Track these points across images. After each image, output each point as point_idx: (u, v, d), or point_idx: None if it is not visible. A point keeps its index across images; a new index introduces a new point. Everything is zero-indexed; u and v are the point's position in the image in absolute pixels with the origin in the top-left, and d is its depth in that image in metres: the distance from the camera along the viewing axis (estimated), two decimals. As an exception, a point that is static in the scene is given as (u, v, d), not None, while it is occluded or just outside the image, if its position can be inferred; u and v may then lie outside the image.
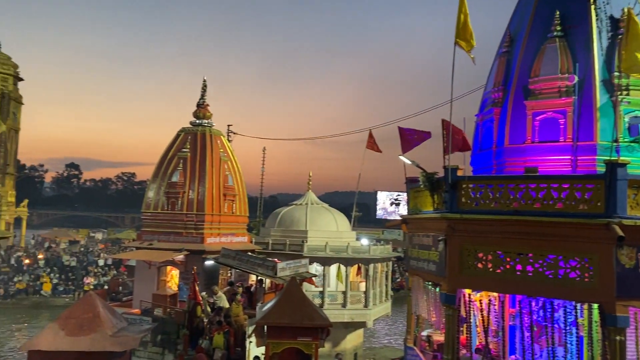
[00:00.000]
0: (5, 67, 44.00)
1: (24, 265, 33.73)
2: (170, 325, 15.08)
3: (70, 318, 10.00)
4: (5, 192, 43.32)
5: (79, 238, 48.64)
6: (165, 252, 17.93)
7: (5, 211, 42.90)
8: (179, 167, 19.26)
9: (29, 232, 51.78)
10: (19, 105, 45.57)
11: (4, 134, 42.96)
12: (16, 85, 45.06)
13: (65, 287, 32.29)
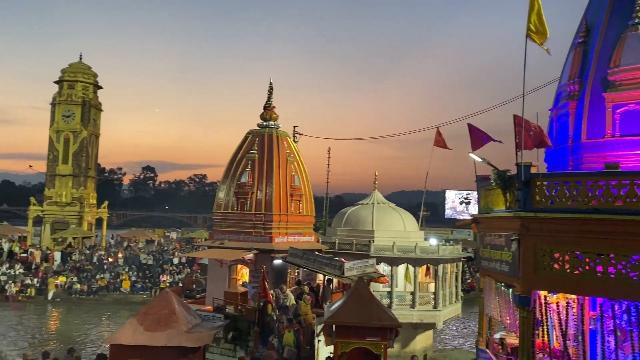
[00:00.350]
0: (86, 76, 46.78)
1: (106, 263, 35.71)
2: (241, 322, 15.47)
3: (148, 314, 10.47)
4: (87, 194, 46.07)
5: (155, 237, 50.87)
6: (235, 250, 18.40)
7: (87, 212, 45.63)
8: (247, 169, 19.71)
9: (109, 232, 54.76)
10: (98, 112, 48.32)
11: (85, 139, 45.70)
12: (96, 93, 47.81)
13: (143, 284, 33.89)
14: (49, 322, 28.21)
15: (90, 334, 25.47)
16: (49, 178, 45.78)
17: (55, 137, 45.19)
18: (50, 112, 45.97)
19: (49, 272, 33.30)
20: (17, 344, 22.35)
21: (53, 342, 23.28)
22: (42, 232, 44.84)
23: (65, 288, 32.41)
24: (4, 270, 32.98)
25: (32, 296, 31.58)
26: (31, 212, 45.49)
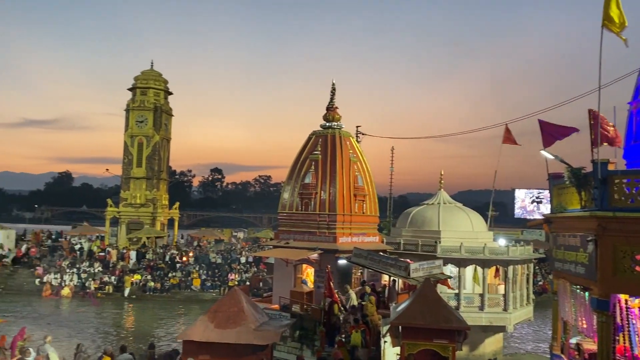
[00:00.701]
0: (158, 83, 48.82)
1: (178, 262, 37.10)
2: (307, 321, 15.62)
3: (218, 312, 10.78)
4: (160, 195, 48.09)
5: (223, 237, 52.29)
6: (300, 250, 18.60)
7: (160, 213, 47.62)
8: (311, 169, 19.87)
9: (180, 232, 56.86)
10: (169, 117, 50.30)
11: (157, 143, 47.71)
12: (167, 99, 49.78)
13: (212, 282, 34.97)
14: (125, 317, 29.66)
15: (164, 330, 26.54)
16: (124, 181, 48.15)
17: (130, 141, 47.46)
18: (124, 118, 48.32)
19: (125, 270, 35.01)
20: (96, 338, 23.65)
21: (130, 337, 24.44)
22: (119, 232, 47.23)
23: (140, 285, 33.97)
24: (85, 268, 35.01)
25: (110, 293, 33.33)
26: (108, 213, 48.01)
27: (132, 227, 45.99)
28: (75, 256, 37.40)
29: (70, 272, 34.24)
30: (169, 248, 41.48)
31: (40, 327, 23.79)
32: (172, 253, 39.03)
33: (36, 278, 34.02)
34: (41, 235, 45.46)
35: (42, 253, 38.08)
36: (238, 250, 42.44)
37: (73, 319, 27.66)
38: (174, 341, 22.54)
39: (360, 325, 13.39)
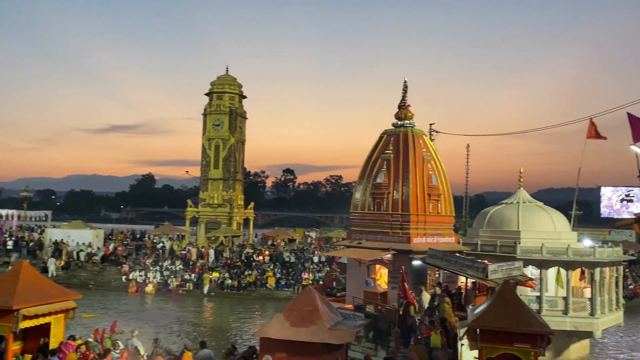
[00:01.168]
0: (232, 87, 50.35)
1: (256, 261, 37.99)
2: (382, 322, 15.53)
3: (293, 310, 10.95)
4: (235, 196, 49.57)
5: (296, 237, 53.05)
6: (373, 251, 18.51)
7: (236, 213, 49.07)
8: (383, 169, 19.73)
9: (255, 231, 58.31)
10: (244, 120, 51.72)
11: (233, 145, 49.20)
12: (241, 103, 51.22)
13: (287, 281, 35.56)
14: (204, 314, 30.78)
15: (241, 327, 27.28)
16: (202, 182, 50.07)
17: (207, 144, 49.27)
18: (202, 122, 50.23)
19: (204, 268, 36.34)
20: (177, 334, 24.68)
21: (208, 333, 25.31)
22: (198, 231, 49.17)
23: (218, 283, 35.14)
24: (167, 266, 36.67)
25: (190, 290, 34.72)
26: (188, 213, 50.11)
27: (211, 227, 47.73)
28: (158, 254, 39.28)
29: (153, 270, 35.99)
30: (245, 247, 42.61)
31: (127, 321, 25.16)
32: (248, 252, 40.05)
33: (122, 275, 36.04)
34: (127, 235, 48.18)
35: (127, 251, 40.31)
36: (311, 249, 42.86)
37: (156, 314, 29.07)
38: (251, 338, 23.11)
39: (436, 326, 13.13)
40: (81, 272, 36.94)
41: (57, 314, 12.25)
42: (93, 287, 34.97)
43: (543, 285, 21.43)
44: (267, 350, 10.52)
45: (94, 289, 34.56)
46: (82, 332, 15.90)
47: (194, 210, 49.57)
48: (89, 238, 40.44)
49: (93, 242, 40.05)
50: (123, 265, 37.01)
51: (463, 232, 28.15)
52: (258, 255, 39.06)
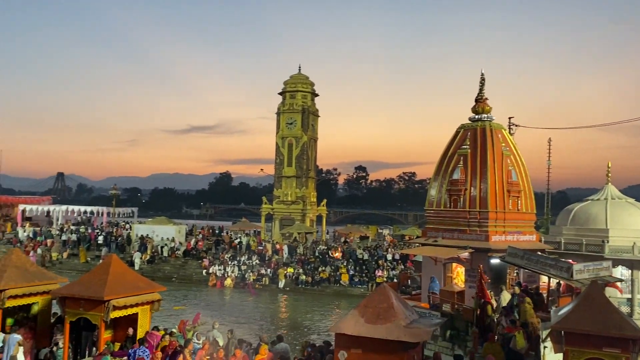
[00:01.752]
0: (305, 85, 51.00)
1: (331, 258, 38.23)
2: (459, 321, 15.15)
3: (368, 307, 10.90)
4: (308, 193, 50.20)
5: (369, 234, 52.92)
6: (449, 249, 18.10)
7: (309, 210, 49.70)
8: (459, 165, 19.22)
9: (328, 228, 58.76)
10: (316, 118, 52.24)
11: (305, 143, 49.84)
12: (313, 101, 51.76)
13: (360, 278, 35.54)
14: (280, 308, 31.41)
15: (315, 322, 27.60)
16: (276, 180, 51.13)
17: (281, 142, 50.21)
18: (275, 121, 51.24)
19: (279, 264, 37.08)
20: (253, 326, 25.35)
21: (284, 327, 25.80)
22: (273, 227, 50.29)
23: (292, 278, 35.74)
24: (244, 261, 37.77)
25: (266, 284, 35.56)
26: (263, 210, 51.34)
27: (285, 223, 48.66)
28: (236, 249, 40.53)
29: (231, 264, 37.19)
30: (318, 243, 43.03)
31: (208, 313, 26.16)
32: (321, 248, 40.42)
33: (203, 269, 37.51)
34: (207, 231, 50.09)
35: (207, 246, 41.89)
36: (384, 247, 42.58)
37: (234, 307, 30.03)
38: (326, 334, 23.31)
39: (516, 327, 12.65)
40: (165, 266, 38.83)
41: (144, 305, 12.94)
42: (176, 280, 36.61)
43: (635, 287, 20.07)
44: (342, 346, 10.55)
45: (176, 282, 36.18)
46: (167, 324, 16.69)
47: (269, 207, 50.70)
48: (172, 233, 42.43)
49: (176, 238, 41.98)
50: (203, 259, 38.51)
51: (545, 230, 26.91)
52: (334, 252, 39.26)
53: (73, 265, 38.78)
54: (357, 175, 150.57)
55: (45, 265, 34.58)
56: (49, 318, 13.99)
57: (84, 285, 12.26)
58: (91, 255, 39.92)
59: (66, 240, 42.46)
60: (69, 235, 43.27)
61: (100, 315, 11.76)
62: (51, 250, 40.30)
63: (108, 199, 69.79)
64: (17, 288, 12.66)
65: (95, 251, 40.91)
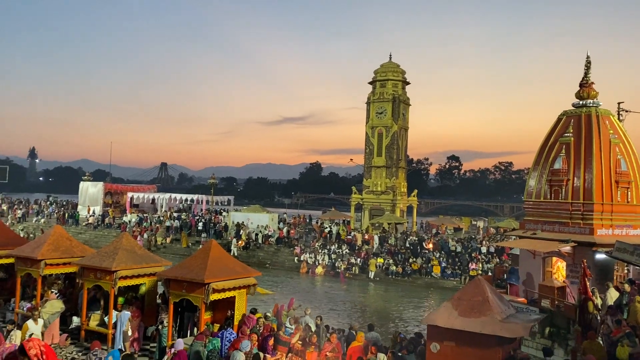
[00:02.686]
0: (396, 74, 50.31)
1: (426, 250, 37.64)
2: (559, 318, 14.41)
3: (461, 299, 10.65)
4: (398, 183, 49.69)
5: (462, 226, 51.49)
6: (549, 242, 17.21)
7: (399, 200, 49.21)
8: (561, 153, 18.16)
9: (418, 219, 57.89)
10: (407, 107, 51.44)
11: (396, 133, 49.28)
12: (404, 89, 50.98)
13: (452, 270, 34.72)
14: (370, 298, 31.49)
15: (405, 313, 27.39)
16: (366, 170, 51.09)
17: (371, 132, 50.05)
18: (365, 110, 51.11)
19: (369, 254, 37.13)
20: (343, 314, 25.64)
21: (373, 317, 25.84)
22: (362, 217, 50.41)
23: (383, 269, 35.67)
24: (334, 250, 38.23)
25: (356, 274, 35.77)
26: (353, 200, 51.58)
27: (374, 213, 48.59)
28: (326, 238, 41.12)
29: (322, 253, 37.80)
30: (409, 234, 42.55)
31: (299, 300, 26.82)
32: (412, 239, 39.94)
33: (295, 256, 38.46)
34: (298, 219, 51.25)
35: (299, 234, 42.88)
36: (478, 239, 41.24)
37: (325, 294, 30.54)
38: (416, 325, 23.08)
39: (623, 326, 11.77)
40: (259, 252, 40.28)
41: (241, 289, 13.53)
42: (269, 266, 37.84)
43: None
44: (435, 338, 10.41)
45: (270, 268, 37.38)
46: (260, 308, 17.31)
47: (359, 197, 50.83)
48: (266, 221, 43.89)
49: (270, 225, 43.37)
50: (295, 247, 39.49)
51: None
52: (428, 243, 38.64)
53: (175, 249, 41.30)
54: (449, 165, 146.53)
55: (150, 249, 37.07)
56: (155, 298, 15.05)
57: (186, 269, 13.04)
58: (192, 241, 42.26)
59: (169, 226, 45.28)
60: (171, 221, 46.12)
61: (201, 297, 12.44)
62: (156, 235, 43.16)
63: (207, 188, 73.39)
64: (127, 269, 13.73)
65: (195, 237, 43.28)
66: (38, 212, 55.66)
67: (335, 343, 12.08)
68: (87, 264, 13.97)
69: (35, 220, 51.98)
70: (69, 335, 12.61)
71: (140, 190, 58.04)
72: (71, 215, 51.36)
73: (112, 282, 13.33)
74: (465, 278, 32.90)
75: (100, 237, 44.58)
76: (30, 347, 5.17)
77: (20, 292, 15.87)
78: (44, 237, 16.01)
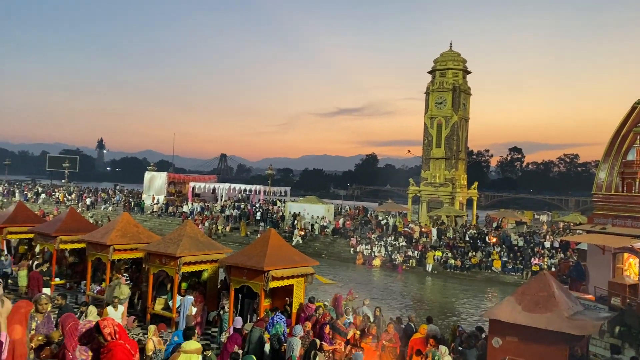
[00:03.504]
0: (456, 63, 49.08)
1: (488, 243, 36.65)
2: (630, 317, 13.71)
3: (525, 294, 10.32)
4: (458, 175, 48.61)
5: (524, 219, 49.86)
6: (621, 237, 16.35)
7: (459, 193, 48.16)
8: (635, 144, 17.19)
9: (478, 212, 56.46)
10: (468, 97, 50.14)
11: (456, 123, 48.16)
12: (465, 79, 49.68)
13: (514, 265, 33.68)
14: (427, 291, 31.08)
15: (464, 307, 26.86)
16: (424, 161, 50.29)
17: (429, 123, 49.16)
18: (424, 101, 50.22)
19: (427, 246, 36.61)
20: (398, 307, 25.42)
21: (431, 310, 25.47)
22: (420, 209, 49.72)
23: (441, 262, 35.08)
24: (391, 242, 37.95)
25: (413, 266, 35.38)
26: (410, 192, 50.94)
27: (432, 206, 47.81)
28: (383, 230, 40.86)
29: (378, 245, 37.61)
30: (468, 227, 41.62)
31: (356, 290, 26.84)
32: (472, 232, 39.04)
33: (351, 247, 38.48)
34: (354, 211, 51.20)
35: (355, 226, 42.84)
36: (541, 233, 39.78)
37: (382, 286, 30.40)
38: (475, 320, 22.60)
39: None
40: (315, 243, 40.59)
41: (299, 278, 13.67)
42: (325, 256, 38.06)
43: None
44: (497, 332, 10.15)
45: (326, 258, 37.60)
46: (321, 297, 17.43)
47: (416, 189, 50.15)
48: (322, 212, 44.15)
49: (325, 216, 43.58)
50: (351, 238, 39.49)
51: None
52: (491, 237, 37.56)
53: (235, 238, 42.28)
54: (511, 157, 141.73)
55: (211, 237, 38.14)
56: (216, 284, 15.47)
57: (246, 256, 13.31)
58: (250, 230, 43.12)
59: (229, 215, 46.37)
60: (231, 210, 47.20)
61: (261, 284, 12.67)
62: (217, 223, 44.32)
63: (264, 179, 74.58)
64: (191, 256, 14.16)
65: (253, 226, 44.13)
66: (106, 200, 58.41)
67: (393, 334, 12.01)
68: (153, 249, 14.53)
69: (103, 208, 54.60)
70: (136, 318, 13.15)
71: (201, 180, 59.75)
72: (137, 204, 53.58)
73: (176, 267, 13.79)
74: (527, 273, 31.87)
75: (163, 224, 46.27)
76: (105, 326, 5.42)
77: (91, 275, 16.73)
78: (112, 224, 16.77)
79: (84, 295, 16.59)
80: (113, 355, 5.32)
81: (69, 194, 61.16)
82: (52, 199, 60.16)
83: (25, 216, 20.67)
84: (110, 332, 5.41)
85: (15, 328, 5.52)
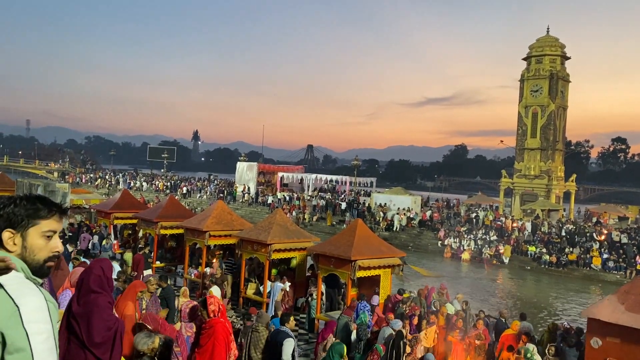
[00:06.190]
0: (554, 48, 46.37)
1: (596, 239, 34.55)
2: None
3: (630, 293, 9.69)
4: (555, 167, 46.07)
5: (629, 214, 46.39)
6: None
7: (555, 185, 45.67)
8: None
9: (576, 206, 53.26)
10: (566, 84, 47.25)
11: (552, 112, 45.59)
12: (563, 65, 46.83)
13: (616, 263, 31.50)
14: (518, 287, 29.89)
15: (559, 305, 25.61)
16: (518, 152, 48.13)
17: (524, 112, 46.93)
18: (518, 89, 47.99)
19: (520, 241, 35.15)
20: (488, 302, 24.67)
21: (524, 306, 24.51)
22: (512, 202, 47.76)
23: (535, 257, 33.57)
24: (481, 235, 36.83)
25: (503, 262, 34.14)
26: (502, 184, 49.03)
27: (526, 199, 45.78)
28: (472, 223, 39.74)
29: (467, 238, 36.64)
30: (566, 222, 39.43)
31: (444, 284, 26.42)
32: (569, 227, 36.96)
33: (438, 240, 37.79)
34: (442, 203, 50.20)
35: (442, 219, 41.99)
36: (649, 230, 36.82)
37: (470, 280, 29.67)
38: (570, 318, 21.48)
39: None
40: (401, 234, 40.27)
41: (385, 269, 13.73)
42: (412, 249, 37.69)
43: None
44: (596, 332, 9.63)
45: (412, 250, 37.21)
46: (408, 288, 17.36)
47: (509, 181, 48.20)
48: (408, 204, 43.65)
49: (412, 208, 43.08)
50: (439, 230, 38.77)
51: None
52: (600, 235, 35.07)
53: (321, 227, 42.95)
54: (614, 148, 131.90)
55: (299, 225, 39.06)
56: (304, 272, 15.90)
57: (334, 245, 13.56)
58: (336, 220, 43.61)
59: (315, 205, 47.18)
60: (317, 200, 47.99)
61: (348, 273, 12.87)
62: (304, 212, 45.28)
63: (349, 169, 75.00)
64: (281, 243, 14.65)
65: (339, 216, 44.58)
66: (200, 189, 61.48)
67: (482, 329, 11.75)
68: (245, 236, 15.19)
69: (199, 196, 57.53)
70: (230, 300, 13.86)
71: (289, 171, 61.21)
72: (229, 193, 55.93)
73: (267, 254, 14.34)
74: (631, 272, 29.72)
75: (254, 213, 47.97)
76: (211, 303, 5.81)
77: (189, 259, 17.79)
78: (208, 211, 17.70)
79: (182, 279, 17.67)
80: (215, 331, 5.70)
81: (167, 183, 65.08)
82: (152, 187, 64.30)
83: (129, 203, 22.35)
84: (215, 309, 5.80)
85: (129, 304, 6.06)
